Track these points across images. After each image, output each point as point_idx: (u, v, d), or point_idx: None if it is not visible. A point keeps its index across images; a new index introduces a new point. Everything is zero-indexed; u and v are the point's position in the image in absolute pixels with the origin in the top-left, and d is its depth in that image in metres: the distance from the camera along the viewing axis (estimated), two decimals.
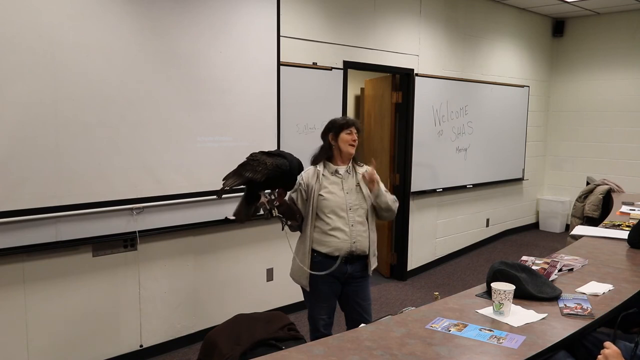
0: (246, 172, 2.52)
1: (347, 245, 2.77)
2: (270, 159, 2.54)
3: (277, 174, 2.52)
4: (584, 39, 7.42)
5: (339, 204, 2.77)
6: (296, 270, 2.91)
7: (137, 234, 3.37)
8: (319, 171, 2.82)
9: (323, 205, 2.77)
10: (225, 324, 3.09)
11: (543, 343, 1.72)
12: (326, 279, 2.79)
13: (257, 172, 2.48)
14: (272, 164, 2.51)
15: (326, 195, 2.78)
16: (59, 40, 2.95)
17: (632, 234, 2.95)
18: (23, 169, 2.87)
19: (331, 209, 2.76)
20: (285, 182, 2.61)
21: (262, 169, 2.48)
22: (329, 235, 2.77)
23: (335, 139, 2.83)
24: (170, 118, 3.45)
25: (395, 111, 5.41)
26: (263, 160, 2.52)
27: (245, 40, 3.78)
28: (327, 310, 2.91)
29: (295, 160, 2.64)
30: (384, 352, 1.65)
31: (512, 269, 2.13)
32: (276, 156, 2.60)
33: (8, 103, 2.80)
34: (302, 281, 2.87)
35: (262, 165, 2.50)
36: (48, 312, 3.16)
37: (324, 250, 2.79)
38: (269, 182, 2.55)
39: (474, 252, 6.59)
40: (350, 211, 2.79)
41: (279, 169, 2.52)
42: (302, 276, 2.85)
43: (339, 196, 2.78)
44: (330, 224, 2.76)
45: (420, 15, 5.39)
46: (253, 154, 2.62)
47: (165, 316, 3.72)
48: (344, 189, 2.81)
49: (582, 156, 7.54)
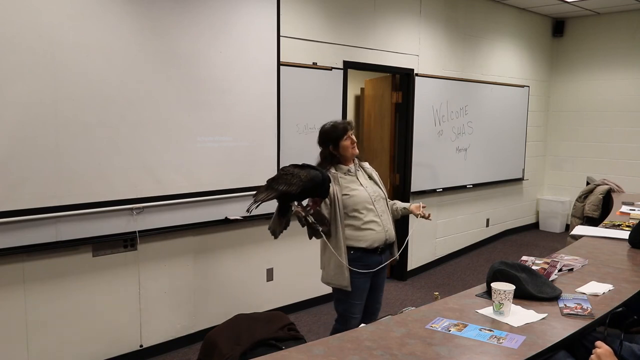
0: (280, 186, 2.57)
1: (383, 236, 2.87)
2: (303, 171, 2.59)
3: (311, 185, 2.57)
4: (584, 39, 7.42)
5: (365, 198, 2.86)
6: (333, 274, 2.88)
7: (137, 234, 3.37)
8: (335, 174, 2.88)
9: (350, 202, 2.84)
10: (225, 324, 3.09)
11: (543, 343, 1.72)
12: (366, 275, 2.84)
13: (292, 184, 2.53)
14: (307, 176, 2.55)
15: (350, 192, 2.85)
16: (59, 40, 2.95)
17: (633, 233, 2.95)
18: (23, 169, 2.87)
19: (359, 204, 2.84)
20: (319, 191, 2.65)
21: (297, 182, 2.53)
22: (364, 229, 2.83)
23: (336, 148, 2.90)
24: (170, 118, 3.45)
25: (395, 111, 5.41)
26: (297, 174, 2.57)
27: (245, 40, 3.78)
28: (361, 307, 2.96)
29: (325, 172, 2.71)
30: (384, 352, 1.65)
31: (512, 269, 2.13)
32: (307, 168, 2.65)
33: (8, 103, 2.80)
34: (342, 282, 2.86)
35: (297, 178, 2.54)
36: (48, 312, 3.16)
37: (362, 245, 2.84)
38: (304, 194, 2.60)
39: (474, 252, 6.59)
40: (375, 203, 2.89)
41: (313, 181, 2.57)
42: (342, 277, 2.85)
43: (362, 191, 2.87)
44: (362, 218, 2.84)
45: (420, 15, 5.39)
46: (284, 167, 2.67)
47: (165, 316, 3.72)
48: (362, 184, 2.90)
49: (582, 156, 7.54)
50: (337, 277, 2.87)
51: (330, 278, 2.92)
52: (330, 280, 2.92)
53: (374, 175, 3.04)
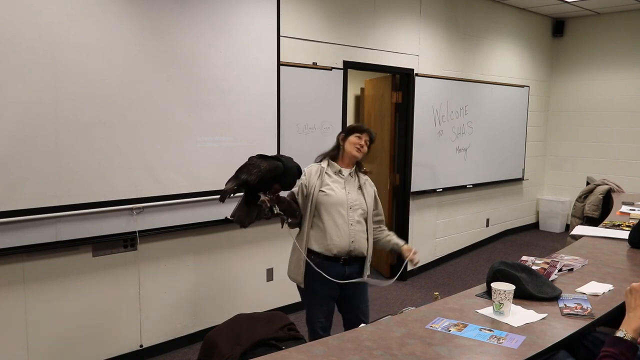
0: (242, 175, 2.55)
1: (346, 244, 2.76)
2: (265, 162, 2.57)
3: (270, 175, 2.54)
4: (584, 39, 7.42)
5: (340, 201, 2.78)
6: (293, 267, 2.91)
7: (137, 234, 3.37)
8: (323, 168, 2.85)
9: (323, 201, 2.77)
10: (225, 324, 3.09)
11: (543, 343, 1.72)
12: (323, 280, 2.75)
13: (252, 174, 2.51)
14: (266, 167, 2.53)
15: (327, 191, 2.79)
16: (59, 40, 2.95)
17: (633, 233, 2.95)
18: (23, 169, 2.87)
19: (331, 205, 2.77)
20: (282, 182, 2.63)
21: (256, 172, 2.51)
22: (327, 232, 2.76)
23: (344, 139, 2.87)
24: (170, 118, 3.45)
25: (395, 111, 5.41)
26: (257, 164, 2.55)
27: (245, 40, 3.78)
28: (324, 312, 2.89)
29: (292, 163, 2.66)
30: (384, 352, 1.65)
31: (512, 269, 2.13)
32: (272, 159, 2.62)
33: (8, 103, 2.80)
34: (296, 277, 2.86)
35: (256, 167, 2.53)
36: (48, 312, 3.16)
37: (319, 249, 2.78)
38: (264, 184, 2.57)
39: (474, 252, 6.59)
40: (351, 210, 2.79)
41: (272, 172, 2.55)
42: (297, 272, 2.85)
43: (340, 194, 2.79)
44: (329, 220, 2.76)
45: (420, 15, 5.39)
46: (251, 157, 2.64)
47: (165, 316, 3.72)
48: (346, 189, 2.82)
49: (582, 156, 7.54)
50: (294, 272, 2.87)
51: (290, 272, 2.92)
52: (290, 274, 2.92)
53: (368, 188, 2.89)
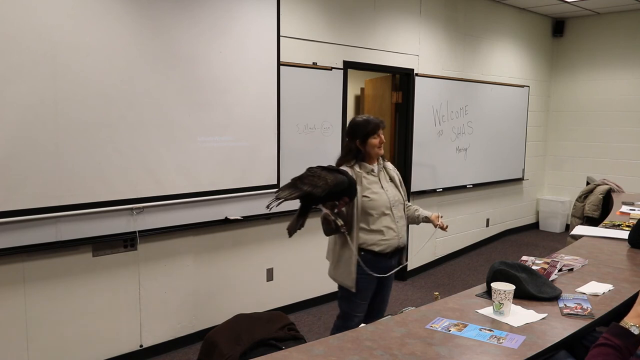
0: (304, 186, 2.55)
1: (396, 242, 2.86)
2: (330, 175, 2.56)
3: (337, 189, 2.55)
4: (584, 39, 7.42)
5: (384, 203, 2.83)
6: (341, 271, 2.87)
7: (137, 234, 3.37)
8: (360, 173, 2.84)
9: (369, 206, 2.80)
10: (225, 324, 3.09)
11: (543, 343, 1.72)
12: (369, 276, 2.82)
13: (318, 187, 2.51)
14: (333, 180, 2.53)
15: (371, 195, 2.81)
16: (59, 40, 2.95)
17: (633, 233, 2.95)
18: (23, 169, 2.87)
19: (377, 208, 2.81)
20: (347, 194, 2.64)
21: (323, 184, 2.51)
22: (379, 234, 2.81)
23: (363, 144, 2.85)
24: (170, 118, 3.45)
25: (395, 111, 5.41)
26: (324, 176, 2.54)
27: (245, 40, 3.78)
28: (365, 307, 2.94)
29: (352, 177, 2.69)
30: (384, 352, 1.64)
31: (512, 269, 2.13)
32: (334, 172, 2.62)
33: (8, 103, 2.80)
34: (347, 282, 2.85)
35: (323, 180, 2.52)
36: (48, 312, 3.16)
37: (375, 249, 2.82)
38: (328, 197, 2.58)
39: (474, 252, 6.59)
40: (394, 208, 2.86)
41: (339, 186, 2.55)
42: (348, 277, 2.83)
43: (382, 195, 2.84)
44: (378, 223, 2.81)
45: (420, 15, 5.39)
46: (311, 168, 2.64)
47: (165, 316, 3.72)
48: (383, 187, 2.87)
49: (582, 156, 7.54)
50: (344, 276, 2.85)
51: (337, 275, 2.91)
52: (337, 277, 2.91)
53: (396, 178, 2.99)
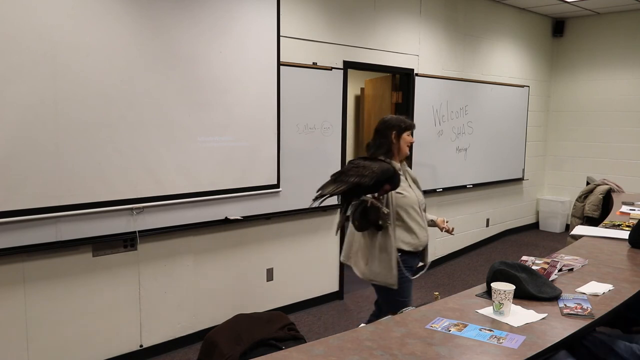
0: (351, 178, 2.56)
1: (425, 240, 2.92)
2: (375, 163, 2.60)
3: (383, 178, 2.58)
4: (584, 39, 7.42)
5: (415, 201, 2.89)
6: (379, 271, 2.85)
7: (137, 234, 3.37)
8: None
9: (402, 202, 2.83)
10: (225, 324, 3.10)
11: (543, 343, 1.72)
12: (408, 275, 2.86)
13: (365, 176, 2.53)
14: (379, 168, 2.56)
15: (404, 192, 2.85)
16: (59, 40, 2.95)
17: (633, 233, 2.95)
18: (23, 169, 2.87)
19: (410, 205, 2.85)
20: (391, 182, 2.67)
21: (370, 174, 2.54)
22: (412, 232, 2.85)
23: (398, 137, 2.87)
24: (170, 118, 3.45)
25: (395, 111, 5.41)
26: (369, 166, 2.57)
27: (245, 40, 3.78)
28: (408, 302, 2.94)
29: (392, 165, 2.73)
30: (384, 352, 1.65)
31: (512, 269, 2.13)
32: (377, 161, 2.65)
33: (8, 103, 2.80)
34: (388, 280, 2.83)
35: (369, 170, 2.55)
36: (48, 312, 3.16)
37: (408, 247, 2.85)
38: (376, 186, 2.60)
39: (474, 252, 6.59)
40: (421, 206, 2.94)
41: (385, 174, 2.58)
42: (389, 274, 2.82)
43: (412, 193, 2.90)
44: (412, 220, 2.85)
45: (420, 15, 5.39)
46: (352, 160, 2.67)
47: (165, 316, 3.72)
48: (411, 186, 2.93)
49: (582, 156, 7.54)
50: (384, 275, 2.83)
51: (374, 275, 2.87)
52: (375, 277, 2.87)
53: (417, 180, 3.04)
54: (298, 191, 4.24)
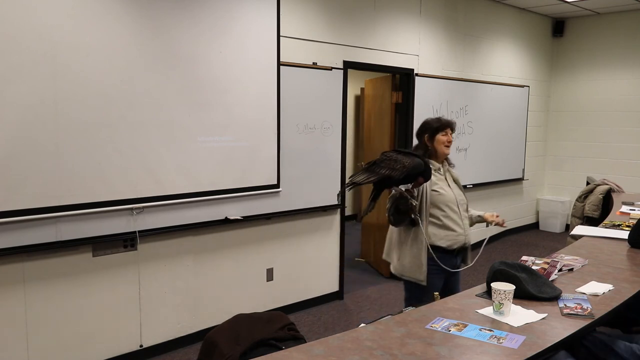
0: (382, 170, 2.58)
1: (462, 239, 2.93)
2: (407, 158, 2.60)
3: (414, 172, 2.59)
4: (584, 39, 7.42)
5: (452, 199, 2.90)
6: (410, 266, 2.87)
7: (137, 234, 3.37)
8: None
9: (437, 200, 2.85)
10: (225, 324, 3.09)
11: (543, 343, 1.72)
12: (437, 272, 2.84)
13: (396, 169, 2.55)
14: (410, 163, 2.57)
15: (440, 190, 2.87)
16: (59, 40, 2.95)
17: (633, 233, 2.95)
18: (23, 169, 2.87)
19: (446, 203, 2.86)
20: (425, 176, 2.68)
21: (400, 167, 2.55)
22: (447, 229, 2.86)
23: (431, 140, 2.90)
24: (170, 118, 3.45)
25: (395, 111, 5.41)
26: (400, 160, 2.58)
27: (245, 40, 3.78)
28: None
29: (426, 160, 2.74)
30: (384, 352, 1.64)
31: (512, 269, 2.13)
32: (409, 155, 2.66)
33: (8, 103, 2.80)
34: (418, 276, 2.85)
35: (400, 163, 2.56)
36: (48, 312, 3.16)
37: (442, 244, 2.86)
38: (406, 180, 2.62)
39: (474, 252, 6.57)
40: (460, 206, 2.93)
41: (416, 169, 2.59)
42: (418, 270, 2.84)
43: (449, 192, 2.90)
44: (447, 218, 2.86)
45: (420, 15, 5.39)
46: (386, 152, 2.68)
47: (165, 316, 3.72)
48: (450, 186, 2.93)
49: (582, 156, 7.54)
50: (413, 270, 2.85)
51: (405, 270, 2.90)
52: (405, 272, 2.90)
53: (459, 180, 3.04)
54: (298, 191, 4.24)
